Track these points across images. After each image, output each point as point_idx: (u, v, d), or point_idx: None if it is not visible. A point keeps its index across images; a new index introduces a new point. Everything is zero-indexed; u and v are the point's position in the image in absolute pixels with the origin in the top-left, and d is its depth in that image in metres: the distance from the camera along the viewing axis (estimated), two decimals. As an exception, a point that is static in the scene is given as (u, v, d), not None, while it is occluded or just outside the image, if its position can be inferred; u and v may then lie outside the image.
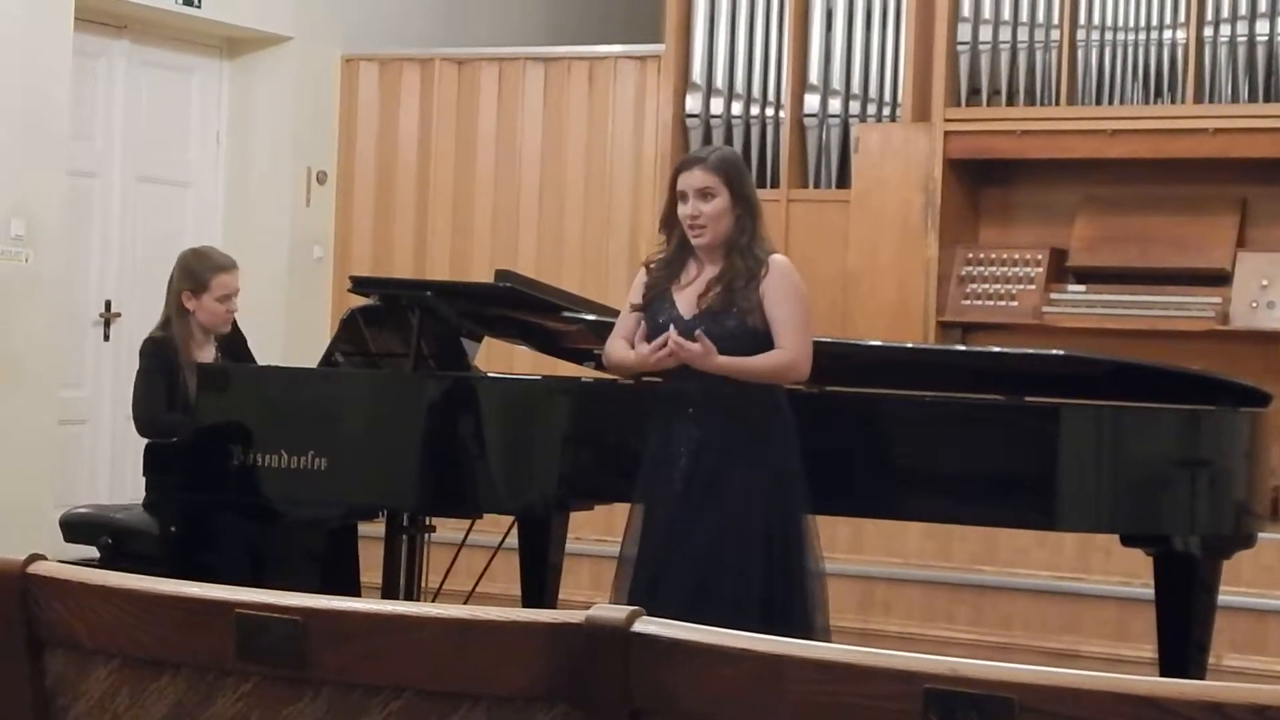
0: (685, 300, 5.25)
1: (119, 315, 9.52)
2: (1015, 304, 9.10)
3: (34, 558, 2.41)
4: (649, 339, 5.18)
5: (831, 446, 5.52)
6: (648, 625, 2.04)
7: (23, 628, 2.39)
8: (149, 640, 2.32)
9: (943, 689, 1.83)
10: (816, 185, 9.68)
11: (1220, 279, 8.77)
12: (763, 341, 5.17)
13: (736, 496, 5.13)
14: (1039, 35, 9.13)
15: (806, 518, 5.24)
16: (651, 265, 5.37)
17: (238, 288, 6.52)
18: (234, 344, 6.64)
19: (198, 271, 6.47)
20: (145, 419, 6.35)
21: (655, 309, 5.27)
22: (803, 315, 5.22)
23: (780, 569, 5.16)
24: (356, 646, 2.20)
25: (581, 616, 2.06)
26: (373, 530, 6.78)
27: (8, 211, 8.51)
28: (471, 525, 6.57)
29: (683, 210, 5.23)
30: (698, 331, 5.08)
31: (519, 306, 6.32)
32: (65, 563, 2.45)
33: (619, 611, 2.05)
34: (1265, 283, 8.65)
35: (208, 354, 6.50)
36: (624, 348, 5.31)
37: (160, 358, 6.37)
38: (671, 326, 5.13)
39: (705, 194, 5.20)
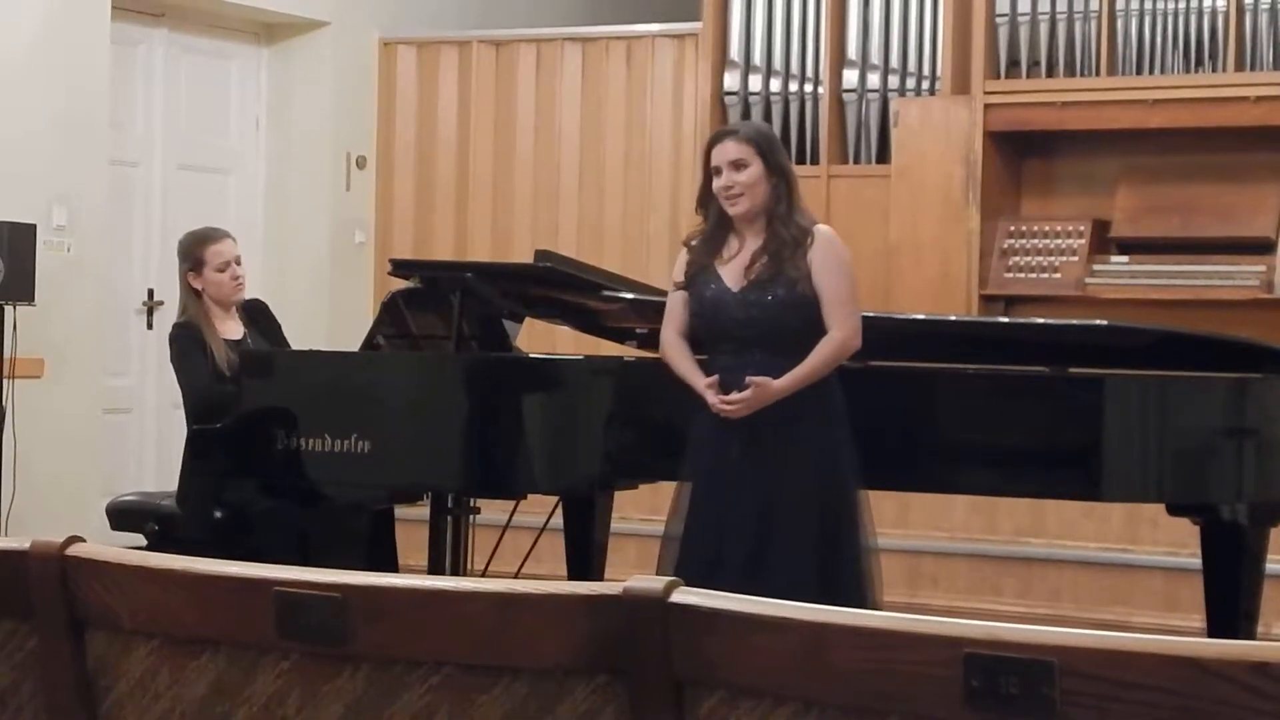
0: (730, 274, 5.24)
1: (161, 304, 9.53)
2: (1058, 276, 9.06)
3: (72, 539, 2.42)
4: (697, 315, 5.22)
5: (877, 421, 5.50)
6: (686, 595, 2.03)
7: (63, 609, 2.39)
8: (189, 619, 2.32)
9: (983, 654, 1.82)
10: (856, 161, 9.66)
11: (1264, 247, 8.72)
12: (810, 308, 5.16)
13: (793, 470, 5.13)
14: (1078, 5, 9.08)
15: (860, 492, 5.24)
16: (692, 243, 5.37)
17: (235, 254, 6.51)
18: (258, 315, 6.63)
19: (190, 249, 6.50)
20: (197, 395, 6.32)
21: (699, 284, 5.27)
22: (849, 287, 5.24)
23: (833, 543, 5.16)
24: (396, 622, 2.20)
25: (619, 588, 2.05)
26: (417, 513, 6.78)
27: (50, 201, 8.54)
28: (516, 506, 6.56)
29: (718, 183, 5.24)
30: (747, 378, 5.07)
31: (559, 286, 6.31)
32: (107, 546, 2.46)
33: (657, 582, 2.04)
34: (1310, 250, 8.59)
35: (234, 328, 6.49)
36: (676, 346, 5.31)
37: (188, 338, 6.39)
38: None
39: (738, 165, 5.21)
